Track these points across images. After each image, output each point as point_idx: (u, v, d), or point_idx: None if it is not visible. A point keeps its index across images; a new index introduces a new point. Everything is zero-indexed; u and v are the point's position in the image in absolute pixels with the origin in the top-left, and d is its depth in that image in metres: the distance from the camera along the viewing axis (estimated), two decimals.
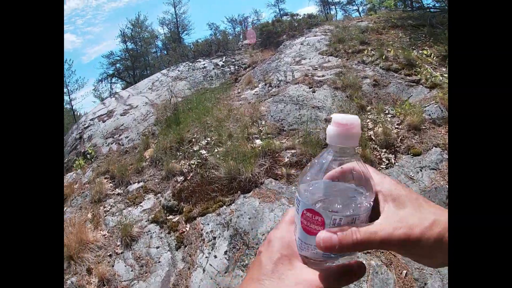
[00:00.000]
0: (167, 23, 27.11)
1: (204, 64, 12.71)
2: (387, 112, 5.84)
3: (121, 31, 25.42)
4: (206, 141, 5.57)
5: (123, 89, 17.45)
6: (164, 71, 12.95)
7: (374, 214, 0.40)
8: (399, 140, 4.92)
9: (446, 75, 6.83)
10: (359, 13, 30.10)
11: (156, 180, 5.06)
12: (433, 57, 8.14)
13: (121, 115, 8.86)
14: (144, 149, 6.09)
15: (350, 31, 11.78)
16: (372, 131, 5.24)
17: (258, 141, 5.13)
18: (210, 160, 4.82)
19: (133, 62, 25.28)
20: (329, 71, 7.52)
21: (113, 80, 25.52)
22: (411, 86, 6.67)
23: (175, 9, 26.68)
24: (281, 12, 28.50)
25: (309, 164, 0.44)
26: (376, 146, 4.89)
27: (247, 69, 11.55)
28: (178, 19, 26.77)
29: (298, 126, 5.42)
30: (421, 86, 6.62)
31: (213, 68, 12.26)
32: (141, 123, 7.94)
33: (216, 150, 5.03)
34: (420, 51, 8.74)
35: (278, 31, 14.03)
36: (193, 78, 11.25)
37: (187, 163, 5.08)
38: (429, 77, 6.75)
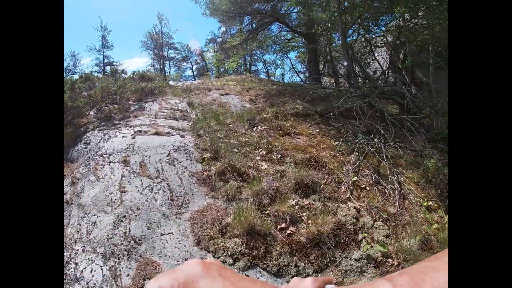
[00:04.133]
0: None
1: None
2: None
3: None
4: None
5: None
6: None
7: None
8: None
9: None
10: (193, 72, 25.72)
11: None
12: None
13: None
14: None
15: (224, 122, 5.77)
16: None
17: None
18: None
19: None
20: None
21: None
22: None
23: None
24: (105, 60, 20.59)
25: None
26: None
27: None
28: None
29: None
30: None
31: None
32: None
33: None
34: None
35: (78, 104, 6.51)
36: None
37: None
38: None
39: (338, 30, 13.30)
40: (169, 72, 21.10)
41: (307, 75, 17.52)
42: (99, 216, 3.35)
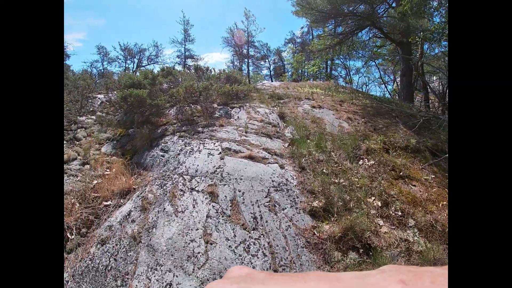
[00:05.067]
0: None
1: None
2: None
3: None
4: None
5: None
6: None
7: None
8: None
9: None
10: (270, 71, 24.95)
11: None
12: None
13: None
14: None
15: (325, 148, 4.62)
16: None
17: None
18: None
19: None
20: None
21: None
22: None
23: None
24: (187, 53, 20.83)
25: None
26: None
27: None
28: None
29: None
30: None
31: None
32: None
33: None
34: None
35: (158, 102, 5.88)
36: None
37: None
38: None
39: (443, 40, 11.25)
40: (248, 71, 20.59)
41: (398, 88, 15.68)
42: (177, 276, 2.43)
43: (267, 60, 23.98)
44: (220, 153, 3.93)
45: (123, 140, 5.96)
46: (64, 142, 6.35)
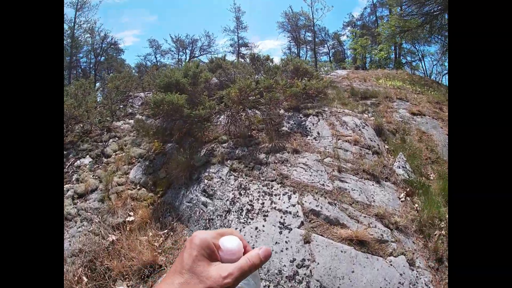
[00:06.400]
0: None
1: None
2: None
3: None
4: None
5: None
6: None
7: None
8: None
9: None
10: (329, 57, 22.16)
11: None
12: None
13: None
14: None
15: None
16: None
17: None
18: None
19: None
20: None
21: None
22: None
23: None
24: (240, 41, 19.17)
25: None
26: None
27: None
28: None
29: None
30: None
31: None
32: None
33: None
34: None
35: (200, 113, 4.21)
36: None
37: None
38: None
39: None
40: (315, 59, 18.28)
41: None
42: None
43: (325, 45, 21.30)
44: (302, 223, 2.14)
45: (157, 162, 4.48)
46: (91, 159, 5.10)
